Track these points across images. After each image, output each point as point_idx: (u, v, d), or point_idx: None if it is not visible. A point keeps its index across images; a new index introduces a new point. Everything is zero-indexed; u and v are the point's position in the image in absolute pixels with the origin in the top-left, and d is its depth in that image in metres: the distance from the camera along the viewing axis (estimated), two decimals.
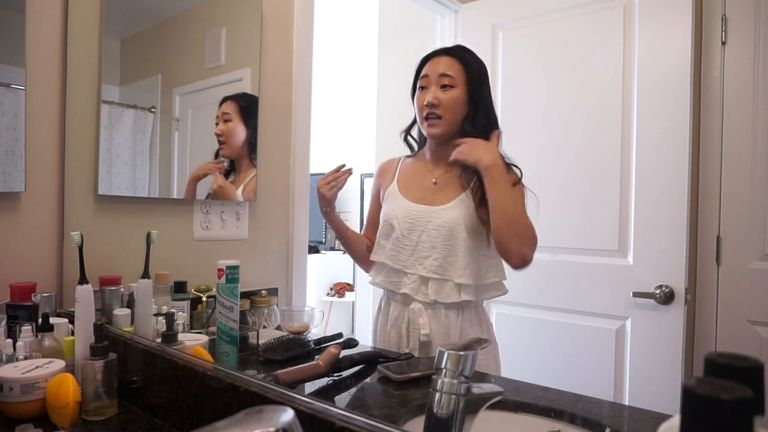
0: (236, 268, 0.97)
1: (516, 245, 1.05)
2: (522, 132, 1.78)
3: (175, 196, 1.41)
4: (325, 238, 3.50)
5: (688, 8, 1.45)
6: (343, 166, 1.21)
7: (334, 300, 3.25)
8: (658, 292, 1.47)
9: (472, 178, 1.13)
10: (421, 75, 1.17)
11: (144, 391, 0.92)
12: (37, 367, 0.87)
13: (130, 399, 0.93)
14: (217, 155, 1.48)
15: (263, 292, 1.39)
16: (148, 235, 1.06)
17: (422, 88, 1.16)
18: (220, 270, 0.96)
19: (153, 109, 1.39)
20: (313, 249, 3.36)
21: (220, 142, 1.48)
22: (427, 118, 1.14)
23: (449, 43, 1.98)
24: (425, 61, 1.18)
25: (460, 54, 1.16)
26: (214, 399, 0.78)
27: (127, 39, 1.37)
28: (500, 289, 1.15)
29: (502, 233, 1.06)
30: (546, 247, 1.70)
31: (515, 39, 1.83)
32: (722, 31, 1.50)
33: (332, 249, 3.53)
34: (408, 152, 1.30)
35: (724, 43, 1.50)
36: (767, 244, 1.42)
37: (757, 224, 1.43)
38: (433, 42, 2.01)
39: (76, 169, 1.26)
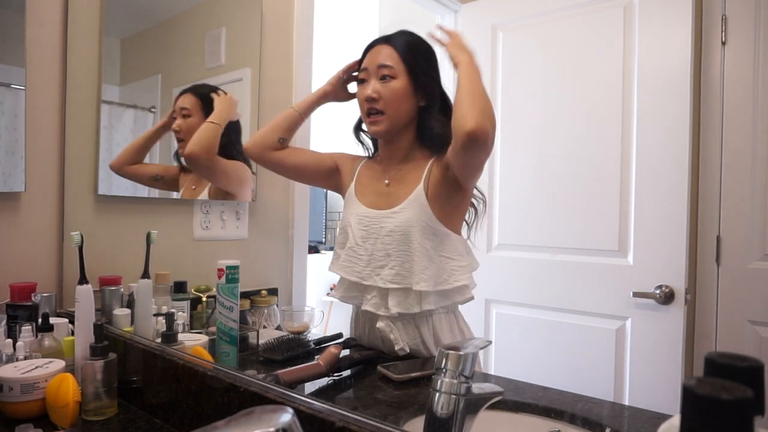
0: (236, 268, 0.97)
1: (475, 111, 0.92)
2: (522, 132, 1.78)
3: (176, 195, 1.41)
4: (325, 238, 3.49)
5: (688, 8, 1.45)
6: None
7: (334, 300, 3.23)
8: (658, 292, 1.47)
9: (423, 168, 1.06)
10: (361, 68, 1.09)
11: (144, 391, 0.92)
12: (37, 367, 0.87)
13: (130, 399, 0.93)
14: (177, 155, 1.40)
15: (263, 292, 1.39)
16: (148, 235, 1.06)
17: (362, 81, 1.08)
18: (220, 270, 0.96)
19: (153, 109, 1.39)
20: (313, 249, 3.35)
21: (179, 140, 1.39)
22: (368, 115, 1.06)
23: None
24: (365, 52, 1.10)
25: (400, 41, 1.07)
26: (214, 399, 0.78)
27: (127, 39, 1.37)
28: (465, 294, 1.05)
29: (463, 101, 0.94)
30: (546, 247, 1.71)
31: (515, 39, 1.83)
32: (722, 31, 1.50)
33: (332, 249, 3.52)
34: (361, 152, 1.23)
35: (724, 43, 1.50)
36: (767, 244, 1.42)
37: (757, 224, 1.43)
38: (432, 42, 2.01)
39: (76, 169, 1.26)
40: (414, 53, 1.07)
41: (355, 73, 1.14)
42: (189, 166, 1.40)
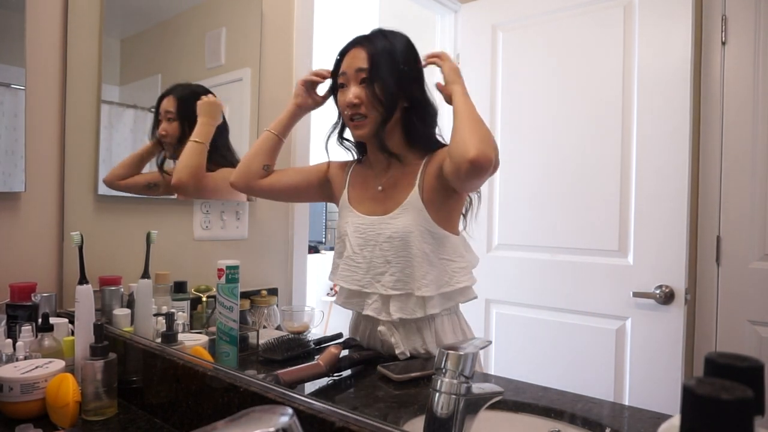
0: (236, 268, 0.97)
1: (477, 140, 0.91)
2: (522, 132, 1.78)
3: (175, 196, 1.41)
4: (325, 238, 3.50)
5: (688, 8, 1.45)
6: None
7: (334, 300, 3.24)
8: (658, 292, 1.47)
9: (416, 170, 1.04)
10: (340, 72, 1.06)
11: (144, 391, 0.92)
12: (37, 367, 0.87)
13: (130, 399, 0.93)
14: (163, 161, 1.37)
15: (263, 292, 1.39)
16: (148, 235, 1.06)
17: (342, 86, 1.06)
18: (220, 270, 0.96)
19: (153, 109, 1.39)
20: (313, 249, 3.35)
21: (166, 143, 1.36)
22: (351, 119, 1.04)
23: (447, 42, 1.98)
24: (342, 54, 1.07)
25: (375, 44, 1.04)
26: (214, 399, 0.78)
27: (127, 39, 1.37)
28: (468, 294, 1.05)
29: (464, 128, 0.93)
30: (546, 247, 1.71)
31: (515, 39, 1.83)
32: (722, 31, 1.50)
33: (332, 249, 3.52)
34: (343, 157, 1.20)
35: (724, 43, 1.50)
36: (767, 244, 1.42)
37: (757, 224, 1.43)
38: (432, 42, 2.01)
39: (76, 169, 1.26)
40: (391, 56, 1.03)
41: (327, 80, 1.14)
42: (178, 194, 1.38)
